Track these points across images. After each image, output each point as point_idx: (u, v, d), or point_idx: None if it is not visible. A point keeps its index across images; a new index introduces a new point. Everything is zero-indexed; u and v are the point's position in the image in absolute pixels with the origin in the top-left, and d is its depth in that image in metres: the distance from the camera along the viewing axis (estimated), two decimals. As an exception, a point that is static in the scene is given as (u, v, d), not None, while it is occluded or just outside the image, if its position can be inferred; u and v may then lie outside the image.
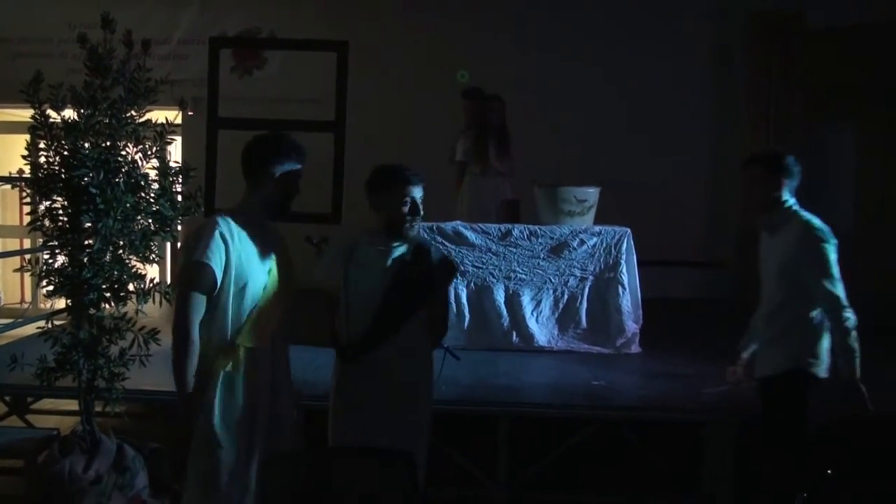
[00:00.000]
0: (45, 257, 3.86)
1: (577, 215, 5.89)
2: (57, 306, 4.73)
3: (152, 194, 3.86)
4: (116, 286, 3.79)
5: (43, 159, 3.77)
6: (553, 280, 5.81)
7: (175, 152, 6.81)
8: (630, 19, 8.31)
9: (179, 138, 7.56)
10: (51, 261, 3.81)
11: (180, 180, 3.97)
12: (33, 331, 4.07)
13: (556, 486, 4.58)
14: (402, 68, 8.27)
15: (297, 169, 3.03)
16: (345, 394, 3.22)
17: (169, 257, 8.05)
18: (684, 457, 4.51)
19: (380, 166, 3.27)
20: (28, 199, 3.84)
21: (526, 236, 5.80)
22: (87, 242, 3.73)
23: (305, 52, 7.05)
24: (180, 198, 3.97)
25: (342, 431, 3.23)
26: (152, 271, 4.08)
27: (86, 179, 3.64)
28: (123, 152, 3.80)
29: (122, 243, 3.78)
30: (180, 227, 4.10)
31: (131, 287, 3.85)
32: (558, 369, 5.36)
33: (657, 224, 7.32)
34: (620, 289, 5.77)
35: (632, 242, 5.82)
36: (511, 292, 5.80)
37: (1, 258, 9.00)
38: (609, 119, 8.15)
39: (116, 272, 3.77)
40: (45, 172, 3.74)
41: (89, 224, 3.71)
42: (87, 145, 3.71)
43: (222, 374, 2.90)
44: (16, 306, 9.37)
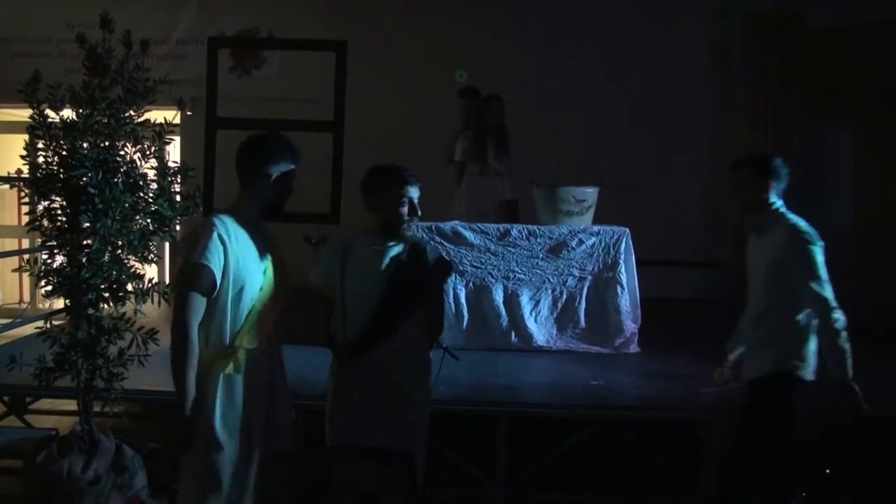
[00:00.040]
0: (44, 257, 3.85)
1: (575, 215, 5.89)
2: (55, 306, 4.72)
3: (151, 194, 3.86)
4: (115, 286, 3.79)
5: (41, 159, 3.77)
6: (552, 280, 5.81)
7: (174, 152, 6.79)
8: (630, 19, 8.31)
9: (178, 138, 7.54)
10: (49, 261, 3.81)
11: (179, 180, 3.97)
12: (32, 331, 4.06)
13: (554, 486, 4.58)
14: (402, 68, 8.26)
15: (292, 169, 3.03)
16: (342, 394, 3.22)
17: (168, 257, 8.03)
18: (683, 457, 4.51)
19: (376, 167, 3.26)
20: (26, 199, 3.83)
21: (525, 236, 5.80)
22: (85, 242, 3.72)
23: (304, 51, 7.05)
24: (179, 198, 3.97)
25: (340, 432, 3.23)
26: (151, 271, 4.08)
27: (84, 179, 3.63)
28: (122, 152, 3.80)
29: (120, 243, 3.78)
30: (179, 227, 4.09)
31: (130, 287, 3.84)
32: (557, 369, 5.36)
33: (656, 224, 7.33)
34: (619, 288, 5.78)
35: (630, 242, 5.82)
36: (510, 292, 5.80)
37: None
38: (609, 119, 8.15)
39: (115, 272, 3.77)
40: (44, 172, 3.73)
41: (88, 224, 3.70)
42: (85, 145, 3.71)
43: (222, 376, 2.90)
44: (14, 306, 9.36)
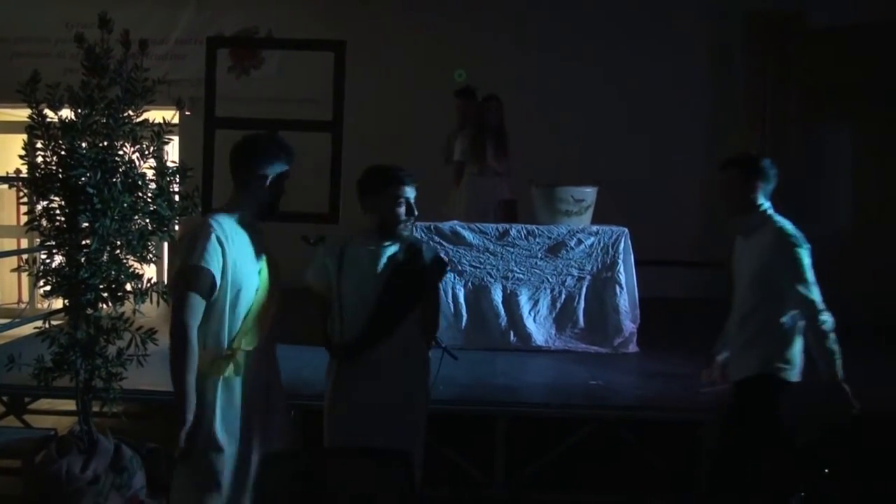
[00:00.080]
0: (43, 257, 3.86)
1: (574, 215, 5.89)
2: (54, 306, 4.72)
3: (150, 194, 3.87)
4: (114, 286, 3.80)
5: (40, 159, 3.77)
6: (550, 280, 5.81)
7: (172, 152, 6.79)
8: (629, 19, 8.31)
9: (177, 138, 7.54)
10: (48, 261, 3.81)
11: (178, 180, 3.97)
12: (31, 331, 4.06)
13: (553, 486, 4.57)
14: (401, 68, 8.26)
15: (286, 170, 3.00)
16: (340, 394, 3.22)
17: (166, 257, 8.03)
18: (682, 456, 4.51)
19: (372, 167, 3.25)
20: (25, 199, 3.83)
21: (523, 236, 5.80)
22: (84, 242, 3.73)
23: (303, 51, 7.04)
24: (178, 198, 3.97)
25: (338, 432, 3.23)
26: (150, 271, 4.07)
27: (83, 179, 3.64)
28: (121, 152, 3.80)
29: (119, 243, 3.78)
30: (178, 227, 4.09)
31: (129, 287, 3.85)
32: (556, 369, 5.36)
33: (655, 224, 7.32)
34: (618, 288, 5.77)
35: (629, 242, 5.82)
36: (508, 292, 5.80)
37: (-2, 258, 8.98)
38: (608, 119, 8.14)
39: (114, 272, 3.77)
40: (43, 172, 3.74)
41: (86, 224, 3.70)
42: (84, 145, 3.72)
43: (221, 379, 2.87)
44: (13, 306, 9.36)
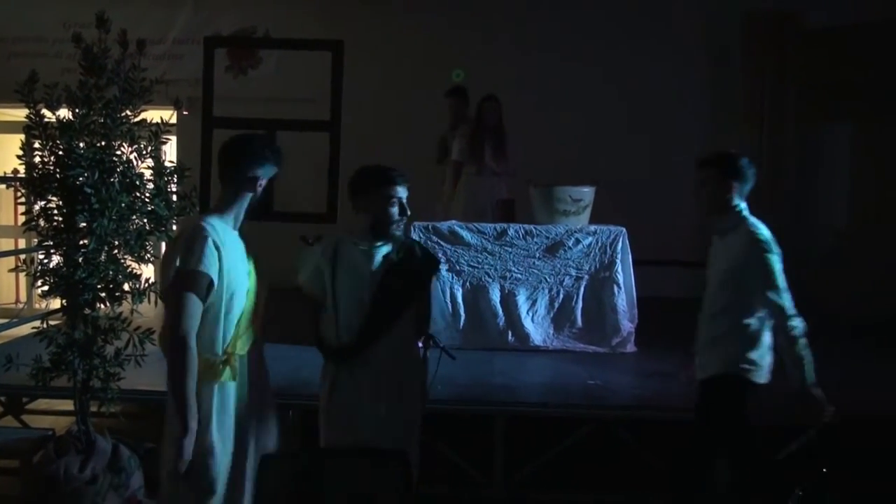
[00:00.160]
0: (41, 257, 3.86)
1: (572, 215, 5.89)
2: (52, 306, 4.72)
3: (147, 194, 3.87)
4: (111, 286, 3.79)
5: (38, 159, 3.77)
6: (548, 279, 5.81)
7: (170, 152, 6.79)
8: (629, 19, 8.30)
9: (174, 138, 7.54)
10: (46, 261, 3.81)
11: (175, 180, 3.97)
12: (28, 331, 4.06)
13: (551, 486, 4.58)
14: (399, 68, 8.25)
15: (276, 172, 2.97)
16: (339, 396, 3.20)
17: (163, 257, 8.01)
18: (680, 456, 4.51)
19: (364, 167, 3.24)
20: (23, 199, 3.83)
21: (521, 236, 5.80)
22: (82, 242, 3.72)
23: (300, 51, 7.03)
24: (175, 197, 3.97)
25: (336, 432, 3.22)
26: (147, 271, 4.07)
27: (81, 179, 3.64)
28: (118, 152, 3.80)
29: (117, 243, 3.78)
30: (175, 227, 4.09)
31: (126, 287, 3.85)
32: (554, 369, 5.36)
33: (653, 223, 7.32)
34: (616, 288, 5.78)
35: (627, 242, 5.82)
36: (507, 292, 5.80)
37: (-4, 258, 8.98)
38: (607, 119, 8.13)
39: (111, 272, 3.77)
40: (40, 172, 3.74)
41: (84, 224, 3.70)
42: (81, 145, 3.72)
43: (217, 387, 2.83)
44: (11, 306, 9.36)
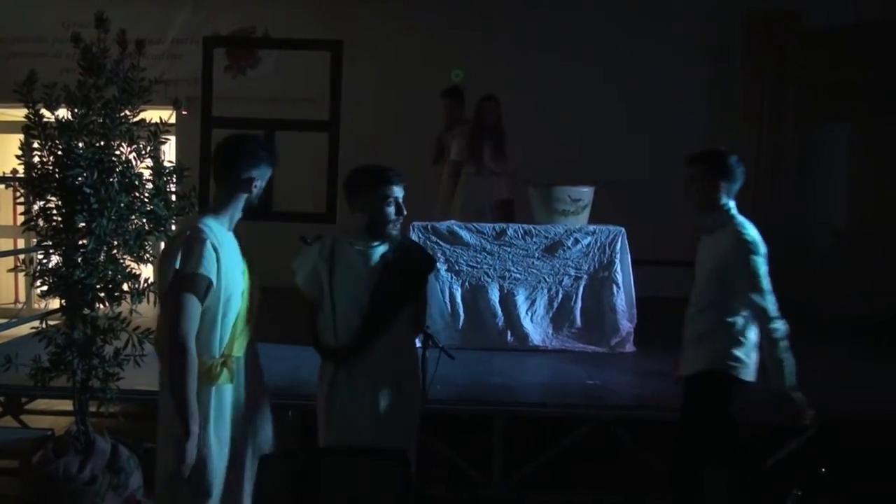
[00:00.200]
0: (40, 257, 3.86)
1: (571, 214, 5.89)
2: (51, 306, 4.72)
3: (146, 194, 3.87)
4: (110, 286, 3.79)
5: (37, 159, 3.77)
6: (547, 279, 5.82)
7: (169, 152, 6.79)
8: (628, 20, 8.29)
9: (173, 138, 7.55)
10: (45, 261, 3.81)
11: (174, 180, 3.97)
12: (27, 331, 4.06)
13: (551, 486, 4.58)
14: (399, 68, 8.25)
15: (271, 173, 2.95)
16: (336, 395, 3.20)
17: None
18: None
19: (359, 167, 3.24)
20: (22, 199, 3.83)
21: (520, 235, 5.80)
22: (81, 242, 3.72)
23: (300, 51, 7.03)
24: (174, 197, 3.97)
25: (334, 432, 3.21)
26: (146, 271, 4.07)
27: (80, 179, 3.64)
28: (117, 152, 3.80)
29: (116, 243, 3.78)
30: (174, 227, 4.09)
31: (125, 287, 3.85)
32: (553, 368, 5.36)
33: (652, 223, 7.31)
34: (615, 288, 5.78)
35: (626, 241, 5.82)
36: (506, 292, 5.80)
37: (-5, 258, 8.98)
38: (607, 119, 8.12)
39: (110, 272, 3.77)
40: (39, 172, 3.74)
41: (83, 224, 3.70)
42: (80, 145, 3.72)
43: (214, 389, 2.81)
44: (10, 306, 9.35)
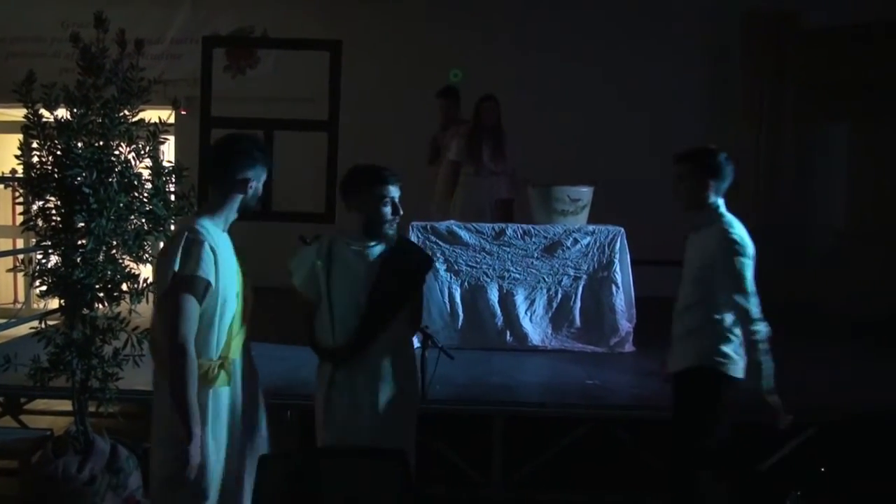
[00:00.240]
0: (39, 257, 3.85)
1: (570, 214, 5.89)
2: (50, 306, 4.72)
3: (146, 194, 3.86)
4: (110, 286, 3.79)
5: (36, 159, 3.77)
6: (547, 279, 5.82)
7: (168, 152, 6.80)
8: (628, 20, 8.28)
9: (172, 138, 7.55)
10: (44, 261, 3.81)
11: (173, 180, 3.97)
12: (27, 331, 4.06)
13: (550, 486, 4.58)
14: (398, 67, 8.24)
15: (265, 173, 2.94)
16: (334, 395, 3.19)
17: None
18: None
19: (356, 167, 3.24)
20: (21, 199, 3.83)
21: (520, 235, 5.80)
22: (80, 242, 3.72)
23: (299, 51, 7.03)
24: (174, 197, 3.97)
25: (332, 432, 3.21)
26: (145, 271, 4.06)
27: (79, 179, 3.63)
28: (116, 152, 3.80)
29: (115, 243, 3.78)
30: (173, 227, 4.09)
31: (125, 287, 3.84)
32: (552, 368, 5.36)
33: (651, 223, 7.31)
34: (614, 288, 5.78)
35: (625, 241, 5.82)
36: (505, 291, 5.80)
37: (-6, 258, 8.97)
38: (606, 118, 8.12)
39: (110, 272, 3.77)
40: (38, 172, 3.73)
41: (82, 224, 3.70)
42: (80, 145, 3.71)
43: (211, 392, 2.80)
44: (9, 306, 9.35)
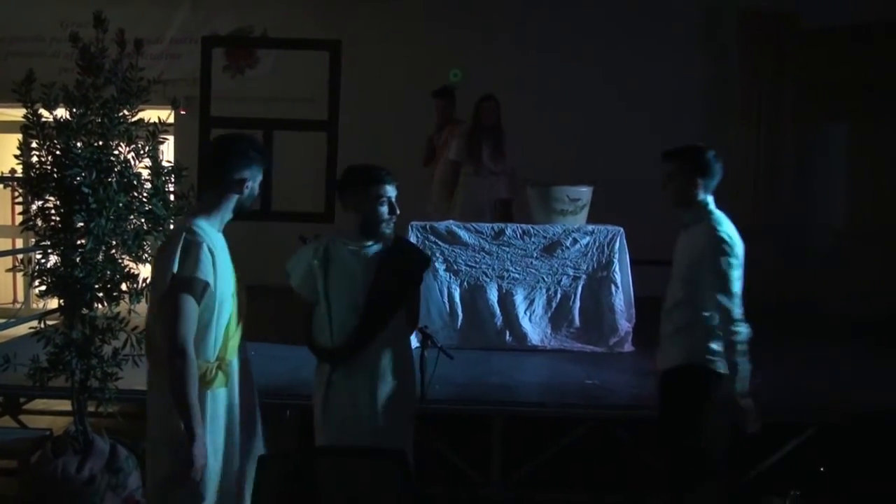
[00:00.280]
0: (38, 257, 3.85)
1: (569, 214, 5.89)
2: (49, 306, 4.72)
3: (145, 194, 3.86)
4: (109, 286, 3.79)
5: (35, 159, 3.77)
6: (546, 279, 5.82)
7: (168, 152, 6.79)
8: (628, 19, 8.28)
9: (172, 138, 7.55)
10: (43, 260, 3.81)
11: (173, 180, 3.97)
12: (26, 331, 4.06)
13: (549, 485, 4.58)
14: (397, 67, 8.24)
15: (261, 173, 2.92)
16: (332, 395, 3.19)
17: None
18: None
19: (352, 166, 3.25)
20: (20, 199, 3.83)
21: (519, 235, 5.80)
22: (79, 242, 3.72)
23: (298, 51, 7.03)
24: (173, 197, 3.97)
25: (331, 432, 3.20)
26: (145, 271, 4.06)
27: (78, 179, 3.63)
28: (116, 152, 3.80)
29: (114, 243, 3.78)
30: (173, 227, 4.10)
31: (124, 287, 3.84)
32: (551, 368, 5.36)
33: (650, 223, 7.31)
34: (613, 287, 5.78)
35: (624, 241, 5.82)
36: (504, 291, 5.80)
37: (-7, 258, 8.97)
38: (606, 118, 8.11)
39: (109, 272, 3.77)
40: (38, 172, 3.74)
41: (82, 224, 3.70)
42: (79, 145, 3.71)
43: (209, 393, 2.79)
44: (8, 306, 9.34)
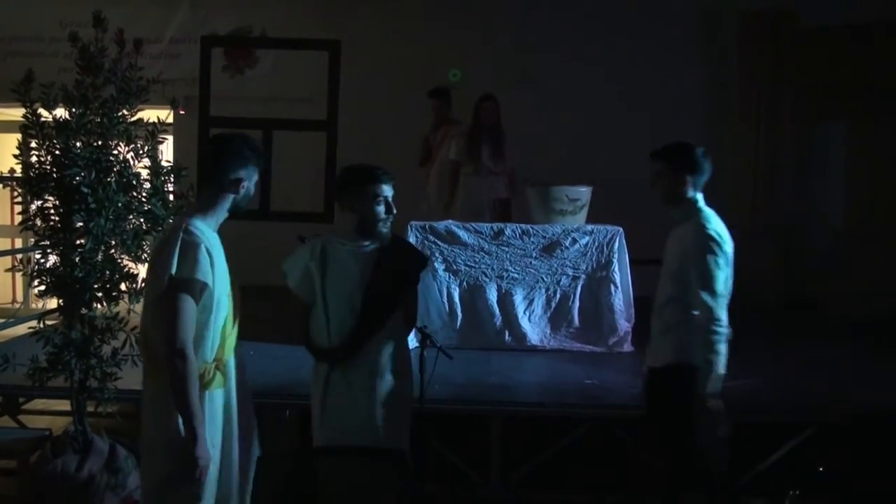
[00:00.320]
0: (37, 257, 3.85)
1: (569, 214, 5.89)
2: (49, 306, 4.71)
3: (144, 194, 3.86)
4: (108, 286, 3.79)
5: (34, 158, 3.77)
6: (545, 279, 5.82)
7: (167, 152, 6.78)
8: (628, 19, 8.28)
9: (171, 137, 7.54)
10: (42, 260, 3.81)
11: (172, 180, 3.97)
12: (25, 331, 4.06)
13: (549, 485, 4.58)
14: (397, 67, 8.23)
15: (257, 173, 2.92)
16: (331, 395, 3.19)
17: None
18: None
19: (349, 166, 3.25)
20: (19, 199, 3.83)
21: (518, 235, 5.80)
22: (78, 242, 3.72)
23: (297, 51, 7.03)
24: (172, 197, 3.97)
25: (329, 432, 3.20)
26: (144, 271, 4.06)
27: (77, 179, 3.63)
28: (115, 151, 3.80)
29: (113, 243, 3.78)
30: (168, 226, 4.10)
31: (123, 287, 3.84)
32: (551, 368, 5.36)
33: (650, 223, 7.30)
34: (613, 287, 5.78)
35: (624, 241, 5.83)
36: (503, 291, 5.80)
37: (-8, 258, 8.96)
38: (605, 119, 8.11)
39: (108, 272, 3.77)
40: (37, 172, 3.73)
41: (81, 223, 3.70)
42: (78, 144, 3.71)
43: (207, 394, 2.78)
44: (7, 306, 9.34)
